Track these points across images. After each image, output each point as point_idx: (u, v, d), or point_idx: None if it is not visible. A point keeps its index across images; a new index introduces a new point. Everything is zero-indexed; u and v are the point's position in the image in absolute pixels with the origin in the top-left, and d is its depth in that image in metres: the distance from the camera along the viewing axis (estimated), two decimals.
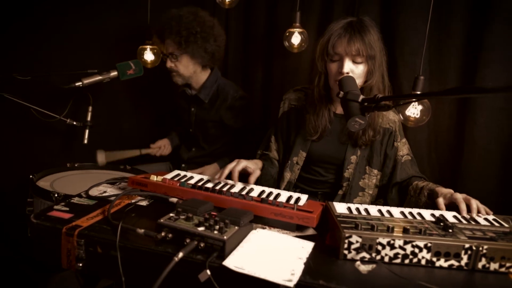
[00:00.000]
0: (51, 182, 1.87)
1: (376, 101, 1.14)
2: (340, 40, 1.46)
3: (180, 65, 2.05)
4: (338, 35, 1.47)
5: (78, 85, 1.75)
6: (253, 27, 2.44)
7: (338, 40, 1.47)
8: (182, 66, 2.05)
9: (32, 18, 2.23)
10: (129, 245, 0.99)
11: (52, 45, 2.24)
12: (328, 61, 1.51)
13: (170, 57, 2.05)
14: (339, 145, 1.64)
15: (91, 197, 1.27)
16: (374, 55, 1.45)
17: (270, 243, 1.02)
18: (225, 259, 0.92)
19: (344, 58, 1.46)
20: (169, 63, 2.06)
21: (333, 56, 1.48)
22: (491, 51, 1.59)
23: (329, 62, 1.50)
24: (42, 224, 1.06)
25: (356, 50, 1.43)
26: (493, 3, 1.59)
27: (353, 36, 1.45)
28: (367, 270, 0.94)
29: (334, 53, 1.47)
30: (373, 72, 1.47)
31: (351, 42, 1.45)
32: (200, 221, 0.99)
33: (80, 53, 2.27)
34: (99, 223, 1.08)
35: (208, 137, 2.21)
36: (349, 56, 1.46)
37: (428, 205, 1.42)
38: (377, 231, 0.99)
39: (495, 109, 1.61)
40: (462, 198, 1.25)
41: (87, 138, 2.04)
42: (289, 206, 1.16)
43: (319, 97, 1.57)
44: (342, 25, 1.50)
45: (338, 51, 1.47)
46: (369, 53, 1.44)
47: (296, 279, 0.86)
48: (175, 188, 1.25)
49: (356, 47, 1.43)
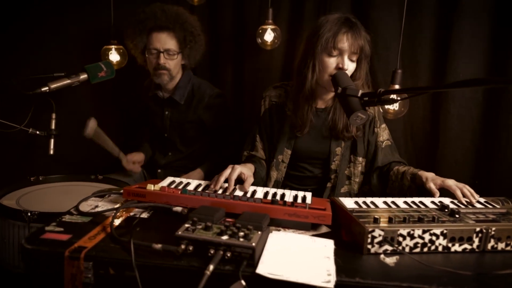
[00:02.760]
0: (16, 199, 1.67)
1: (378, 95, 1.17)
2: (346, 36, 1.46)
3: (173, 63, 1.94)
4: (345, 31, 1.47)
5: (44, 90, 1.58)
6: (220, 25, 2.38)
7: (344, 36, 1.46)
8: (174, 65, 1.95)
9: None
10: (147, 263, 0.91)
11: (5, 48, 2.00)
12: (326, 56, 1.50)
13: (165, 53, 1.92)
14: (322, 139, 1.65)
15: (83, 214, 1.15)
16: (368, 55, 1.50)
17: (291, 245, 1.00)
18: (255, 266, 0.88)
19: (345, 54, 1.47)
20: (162, 59, 1.92)
21: (332, 52, 1.48)
22: (459, 44, 1.70)
23: (327, 57, 1.50)
24: (39, 249, 0.94)
25: (359, 47, 1.47)
26: (461, 0, 1.70)
27: (357, 33, 1.48)
28: (393, 262, 0.95)
29: (336, 48, 1.47)
30: (361, 71, 1.51)
31: (356, 39, 1.47)
32: (222, 229, 0.94)
33: (36, 55, 2.06)
34: (104, 242, 0.98)
35: (186, 139, 2.12)
36: (349, 53, 1.48)
37: (412, 189, 1.49)
38: (395, 223, 1.02)
39: (465, 98, 1.74)
40: (455, 185, 1.32)
41: (53, 148, 1.85)
42: (301, 206, 1.14)
43: (310, 90, 1.56)
44: (343, 21, 1.49)
45: (340, 47, 1.47)
46: (366, 52, 1.48)
47: (334, 279, 0.85)
48: (178, 197, 1.18)
49: (360, 44, 1.46)
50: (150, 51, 1.94)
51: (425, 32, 1.81)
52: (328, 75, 1.51)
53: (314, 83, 1.55)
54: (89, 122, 1.82)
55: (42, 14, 2.09)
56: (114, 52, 2.15)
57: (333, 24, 1.47)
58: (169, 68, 1.96)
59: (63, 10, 2.15)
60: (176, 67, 2.00)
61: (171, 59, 1.95)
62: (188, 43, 1.96)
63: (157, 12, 1.90)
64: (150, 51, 1.95)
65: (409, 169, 1.54)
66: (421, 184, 1.45)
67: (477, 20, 1.68)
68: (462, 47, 1.70)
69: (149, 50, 1.94)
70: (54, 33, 2.13)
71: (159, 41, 1.91)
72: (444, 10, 1.75)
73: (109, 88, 2.28)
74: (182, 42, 1.95)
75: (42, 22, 2.13)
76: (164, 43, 1.92)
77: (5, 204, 1.58)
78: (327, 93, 1.62)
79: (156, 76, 1.98)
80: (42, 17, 2.10)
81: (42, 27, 2.14)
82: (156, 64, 1.94)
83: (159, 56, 1.93)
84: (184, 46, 1.96)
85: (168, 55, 1.94)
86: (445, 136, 1.80)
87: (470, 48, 1.70)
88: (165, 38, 1.92)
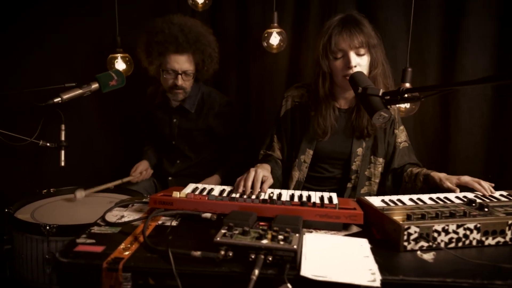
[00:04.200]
0: (31, 213, 1.65)
1: (401, 93, 1.18)
2: (341, 36, 1.48)
3: (189, 83, 1.95)
4: (338, 32, 1.49)
5: (57, 101, 1.56)
6: (222, 29, 2.38)
7: (340, 37, 1.48)
8: (190, 84, 1.96)
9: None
10: (187, 271, 0.90)
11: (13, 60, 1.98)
12: (332, 60, 1.51)
13: (183, 75, 1.91)
14: (345, 140, 1.66)
15: (111, 224, 1.14)
16: (375, 44, 1.50)
17: (328, 246, 1.00)
18: (298, 269, 0.88)
19: (349, 53, 1.48)
20: (180, 80, 1.91)
21: (336, 54, 1.50)
22: (468, 42, 1.73)
23: (333, 61, 1.51)
24: (75, 262, 0.93)
25: (359, 42, 1.47)
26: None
27: (353, 29, 1.48)
28: (431, 258, 0.96)
29: (338, 50, 1.49)
30: (376, 61, 1.51)
31: (353, 35, 1.47)
32: (260, 233, 0.94)
33: (44, 67, 2.04)
34: (140, 252, 0.97)
35: (194, 146, 2.11)
36: (353, 50, 1.48)
37: (425, 190, 1.51)
38: (428, 219, 1.02)
39: (475, 95, 1.76)
40: (471, 180, 1.34)
41: (64, 160, 1.82)
42: (330, 206, 1.15)
43: (325, 96, 1.57)
44: (338, 22, 1.52)
45: (341, 47, 1.48)
46: (371, 43, 1.48)
47: (379, 278, 0.85)
48: (205, 203, 1.17)
49: (359, 39, 1.46)
50: (168, 71, 1.92)
51: (432, 30, 1.83)
52: (341, 76, 1.52)
53: (327, 88, 1.56)
54: (76, 195, 1.81)
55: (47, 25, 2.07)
56: (120, 60, 2.13)
57: (328, 28, 1.51)
58: (185, 87, 1.96)
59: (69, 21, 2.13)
60: (191, 85, 2.01)
61: (188, 79, 1.95)
62: (206, 65, 1.97)
63: (178, 36, 1.86)
64: (167, 71, 1.92)
65: (422, 171, 1.55)
66: (434, 185, 1.46)
67: (484, 16, 1.71)
68: (471, 44, 1.74)
69: (167, 70, 1.92)
70: (59, 43, 2.11)
71: (177, 62, 1.89)
72: (450, 8, 1.78)
73: (112, 96, 2.26)
74: (200, 64, 1.95)
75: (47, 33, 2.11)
76: (183, 65, 1.90)
77: (20, 218, 1.55)
78: (348, 93, 1.62)
79: (171, 94, 1.98)
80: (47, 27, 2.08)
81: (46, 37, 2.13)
82: (173, 85, 1.93)
83: (176, 77, 1.91)
84: (202, 67, 1.97)
85: (186, 76, 1.93)
86: (456, 132, 1.82)
87: (478, 44, 1.73)
88: (184, 61, 1.90)
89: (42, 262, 1.48)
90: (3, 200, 1.71)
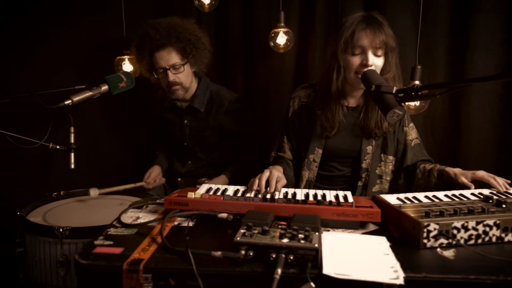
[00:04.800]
0: (42, 216, 1.64)
1: (415, 90, 1.17)
2: (365, 32, 1.48)
3: (183, 76, 1.93)
4: (363, 29, 1.48)
5: (67, 103, 1.57)
6: (228, 30, 2.39)
7: (363, 33, 1.48)
8: (185, 77, 1.94)
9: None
10: (208, 271, 0.89)
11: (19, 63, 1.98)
12: (350, 55, 1.51)
13: (171, 69, 1.90)
14: (353, 138, 1.65)
15: (128, 226, 1.13)
16: (394, 47, 1.50)
17: (346, 244, 1.00)
18: (319, 267, 0.87)
19: (368, 51, 1.48)
20: (171, 76, 1.90)
21: (355, 49, 1.49)
22: (477, 38, 1.73)
23: (351, 56, 1.51)
24: (95, 264, 0.92)
25: (381, 42, 1.47)
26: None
27: (376, 28, 1.48)
28: (452, 255, 0.95)
29: (358, 46, 1.48)
30: (390, 65, 1.51)
31: (376, 34, 1.47)
32: (281, 232, 0.93)
33: (49, 68, 2.05)
34: (159, 253, 0.97)
35: (206, 146, 2.11)
36: (372, 49, 1.48)
37: (439, 185, 1.50)
38: (447, 216, 1.02)
39: (485, 92, 1.76)
40: (487, 175, 1.34)
41: (73, 163, 1.82)
42: (347, 205, 1.14)
43: (337, 91, 1.57)
44: (361, 19, 1.51)
45: (362, 44, 1.48)
46: (390, 45, 1.48)
47: (402, 275, 0.84)
48: (221, 203, 1.17)
49: (381, 39, 1.46)
50: (158, 71, 1.94)
51: (440, 27, 1.83)
52: (353, 72, 1.52)
53: (340, 83, 1.55)
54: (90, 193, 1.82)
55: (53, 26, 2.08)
56: (127, 62, 2.13)
57: (352, 23, 1.50)
58: (180, 82, 1.95)
59: (75, 23, 2.13)
60: (188, 77, 1.99)
61: (179, 72, 1.93)
62: (190, 52, 1.93)
63: (149, 32, 1.88)
64: (157, 72, 1.94)
65: (435, 166, 1.55)
66: (448, 180, 1.46)
67: (493, 13, 1.71)
68: (480, 41, 1.73)
69: (157, 70, 1.94)
70: (65, 45, 2.11)
71: (162, 59, 1.90)
72: (459, 5, 1.77)
73: (120, 97, 2.26)
74: (184, 53, 1.92)
75: (53, 34, 2.11)
76: (167, 60, 1.90)
77: (34, 221, 1.55)
78: (357, 91, 1.63)
79: (171, 93, 1.98)
80: (53, 29, 2.08)
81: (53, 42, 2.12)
82: (167, 82, 1.93)
83: (167, 74, 1.91)
84: (187, 55, 1.93)
85: (174, 69, 1.92)
86: (467, 129, 1.82)
87: (487, 41, 1.73)
88: (166, 55, 1.90)
89: (55, 265, 1.48)
90: (13, 203, 1.72)
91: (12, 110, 1.91)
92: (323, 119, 1.62)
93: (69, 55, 2.14)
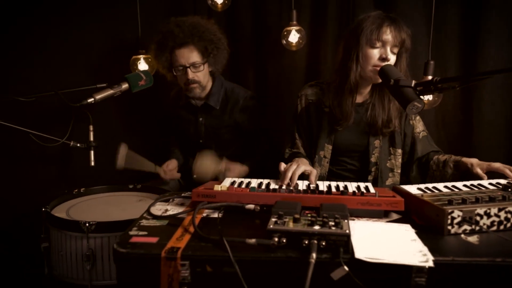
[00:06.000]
0: (66, 211, 1.68)
1: (435, 83, 1.21)
2: (390, 28, 1.52)
3: (201, 74, 1.97)
4: (388, 24, 1.52)
5: (90, 101, 1.60)
6: (240, 29, 2.42)
7: (388, 28, 1.52)
8: (203, 76, 1.98)
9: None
10: (244, 257, 0.93)
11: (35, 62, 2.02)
12: (368, 48, 1.54)
13: (191, 68, 1.94)
14: (361, 134, 1.70)
15: (159, 217, 1.17)
16: (408, 48, 1.55)
17: (373, 232, 1.03)
18: (351, 253, 0.91)
19: (387, 46, 1.52)
20: (190, 74, 1.94)
21: (376, 43, 1.53)
22: (488, 33, 1.77)
23: (370, 48, 1.54)
24: (134, 252, 0.96)
25: (402, 40, 1.52)
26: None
27: (400, 27, 1.53)
28: (476, 240, 0.99)
29: (380, 40, 1.52)
30: (400, 67, 1.57)
31: (398, 31, 1.52)
32: (312, 220, 0.97)
33: (65, 69, 2.09)
34: (194, 242, 1.00)
35: (221, 143, 2.14)
36: (390, 45, 1.53)
37: (456, 176, 1.54)
38: (469, 204, 1.05)
39: (498, 85, 1.80)
40: (502, 166, 1.38)
41: (93, 160, 1.86)
42: (370, 195, 1.18)
43: (354, 83, 1.60)
44: (385, 16, 1.55)
45: (385, 38, 1.52)
46: (406, 45, 1.54)
47: (431, 258, 0.88)
48: (248, 194, 1.20)
49: (402, 37, 1.52)
50: (177, 68, 1.97)
51: (451, 22, 1.87)
52: (371, 66, 1.55)
53: (358, 74, 1.59)
54: (119, 150, 1.81)
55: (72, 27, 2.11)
56: (143, 61, 2.17)
57: (376, 18, 1.53)
58: (199, 80, 1.99)
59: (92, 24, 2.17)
60: (205, 77, 2.03)
61: (198, 71, 1.97)
62: (211, 51, 1.99)
63: (173, 30, 1.91)
64: (177, 69, 1.97)
65: (450, 157, 1.59)
66: (465, 170, 1.49)
67: (505, 6, 1.74)
68: (491, 36, 1.77)
69: (176, 68, 1.97)
70: (81, 46, 2.15)
71: (183, 56, 1.93)
72: (469, 1, 1.81)
73: (135, 98, 2.30)
74: (205, 52, 1.97)
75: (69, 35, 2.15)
76: (188, 58, 1.94)
77: (60, 217, 1.58)
78: (365, 88, 1.67)
79: (188, 91, 2.01)
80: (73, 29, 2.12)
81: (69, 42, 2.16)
82: (186, 80, 1.97)
83: (186, 72, 1.95)
84: (208, 55, 1.98)
85: (194, 68, 1.96)
86: (478, 123, 1.86)
87: (499, 35, 1.76)
88: (187, 53, 1.93)
89: (81, 259, 1.51)
90: (35, 201, 1.75)
91: (31, 109, 1.94)
92: (336, 111, 1.65)
93: (86, 55, 2.17)
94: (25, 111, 1.90)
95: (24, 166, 2.03)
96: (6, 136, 1.67)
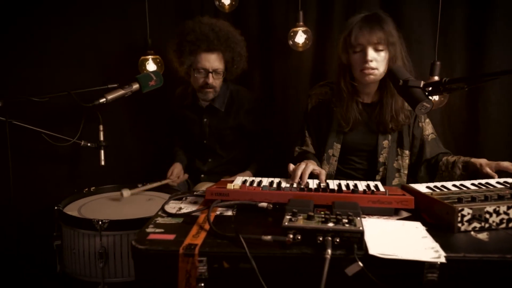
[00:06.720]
0: (77, 210, 1.71)
1: (443, 84, 1.24)
2: (362, 31, 1.56)
3: (219, 81, 2.01)
4: (359, 27, 1.57)
5: (102, 101, 1.63)
6: (246, 29, 2.43)
7: (360, 32, 1.56)
8: (220, 83, 2.01)
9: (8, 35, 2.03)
10: (260, 254, 0.95)
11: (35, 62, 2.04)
12: (351, 53, 1.60)
13: (213, 73, 1.96)
14: (370, 134, 1.72)
15: (174, 215, 1.20)
16: (394, 42, 1.57)
17: (385, 229, 1.06)
18: (364, 249, 0.94)
19: (367, 48, 1.55)
20: (211, 79, 1.97)
21: (355, 48, 1.57)
22: (495, 34, 1.79)
23: (352, 54, 1.59)
24: (152, 249, 0.98)
25: (378, 38, 1.54)
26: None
27: (373, 26, 1.56)
28: (486, 237, 1.01)
29: (357, 44, 1.56)
30: (395, 58, 1.59)
31: (372, 32, 1.55)
32: (326, 218, 1.00)
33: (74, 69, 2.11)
34: (210, 239, 1.03)
35: (225, 144, 2.17)
36: (371, 45, 1.56)
37: (464, 177, 1.56)
38: (479, 202, 1.08)
39: (504, 86, 1.82)
40: (511, 165, 1.40)
41: (103, 159, 1.89)
42: (380, 193, 1.20)
43: (347, 89, 1.65)
44: (360, 18, 1.60)
45: (360, 42, 1.56)
46: (389, 41, 1.56)
47: (443, 254, 0.90)
48: (261, 193, 1.23)
49: (378, 36, 1.54)
50: (198, 70, 1.98)
51: (458, 23, 1.89)
52: (359, 70, 1.60)
53: (348, 83, 1.65)
54: (122, 193, 1.85)
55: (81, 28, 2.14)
56: (151, 62, 2.19)
57: (350, 23, 1.59)
58: (216, 86, 2.02)
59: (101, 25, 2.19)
60: (221, 84, 2.07)
61: (218, 78, 2.01)
62: (235, 64, 2.03)
63: (209, 35, 1.93)
64: (198, 70, 1.98)
65: (459, 158, 1.61)
66: (474, 170, 1.52)
67: (510, 7, 1.76)
68: (498, 36, 1.79)
69: (197, 69, 1.98)
70: (92, 47, 2.17)
71: (208, 61, 1.95)
72: (475, 2, 1.83)
73: (141, 97, 2.32)
74: (230, 62, 2.01)
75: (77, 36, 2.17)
76: (213, 63, 1.96)
77: (72, 215, 1.61)
78: (369, 88, 1.69)
79: (202, 93, 2.04)
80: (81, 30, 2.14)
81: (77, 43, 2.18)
82: (204, 83, 1.99)
83: (207, 76, 1.97)
84: (232, 66, 2.03)
85: (216, 74, 1.98)
86: (485, 123, 1.88)
87: (505, 36, 1.78)
88: (214, 59, 1.96)
89: (94, 256, 1.54)
90: (46, 199, 1.77)
91: (42, 109, 1.97)
92: (339, 115, 1.69)
93: (95, 56, 2.19)
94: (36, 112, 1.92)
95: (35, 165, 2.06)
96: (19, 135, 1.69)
